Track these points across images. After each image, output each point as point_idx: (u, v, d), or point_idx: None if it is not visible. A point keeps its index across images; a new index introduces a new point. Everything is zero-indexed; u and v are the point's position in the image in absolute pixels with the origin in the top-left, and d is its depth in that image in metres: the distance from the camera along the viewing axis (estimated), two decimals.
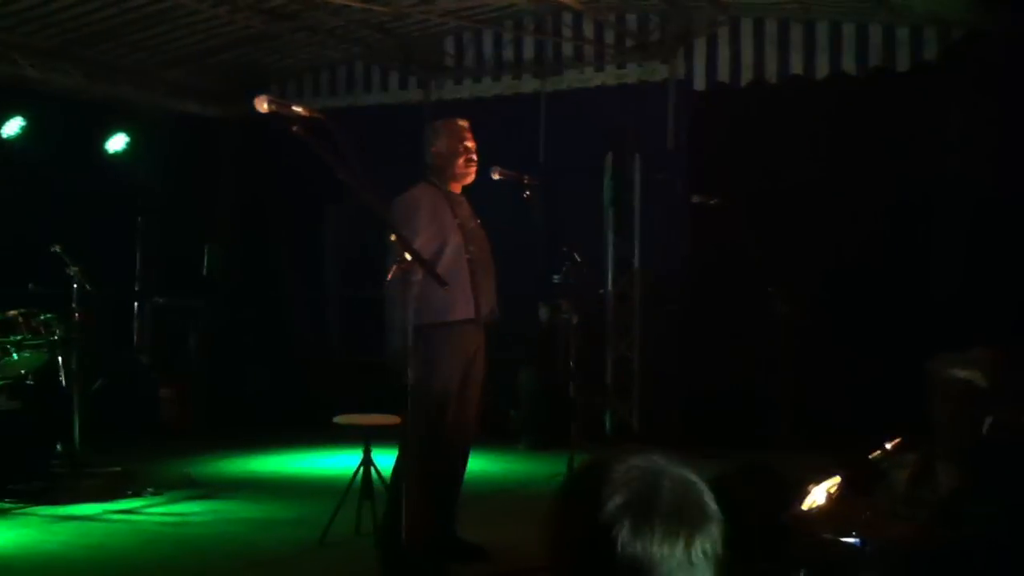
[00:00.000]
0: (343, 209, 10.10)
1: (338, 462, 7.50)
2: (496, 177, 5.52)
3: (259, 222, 10.80)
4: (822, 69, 8.62)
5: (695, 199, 7.19)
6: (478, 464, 6.37)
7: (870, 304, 8.30)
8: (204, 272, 10.34)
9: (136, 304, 9.88)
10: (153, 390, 9.05)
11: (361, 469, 5.53)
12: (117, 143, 9.21)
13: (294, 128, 4.21)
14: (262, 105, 4.18)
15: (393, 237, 4.38)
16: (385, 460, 5.59)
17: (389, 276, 4.47)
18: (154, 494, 6.59)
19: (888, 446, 5.83)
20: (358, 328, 10.22)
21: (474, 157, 5.26)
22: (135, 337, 9.85)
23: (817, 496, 5.08)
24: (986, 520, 3.88)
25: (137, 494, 6.55)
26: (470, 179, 5.31)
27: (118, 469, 6.72)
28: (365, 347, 9.86)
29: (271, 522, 6.17)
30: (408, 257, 4.34)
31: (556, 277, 7.48)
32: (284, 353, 10.29)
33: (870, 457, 5.96)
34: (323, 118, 4.30)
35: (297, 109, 4.25)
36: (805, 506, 5.03)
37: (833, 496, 4.94)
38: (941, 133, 8.27)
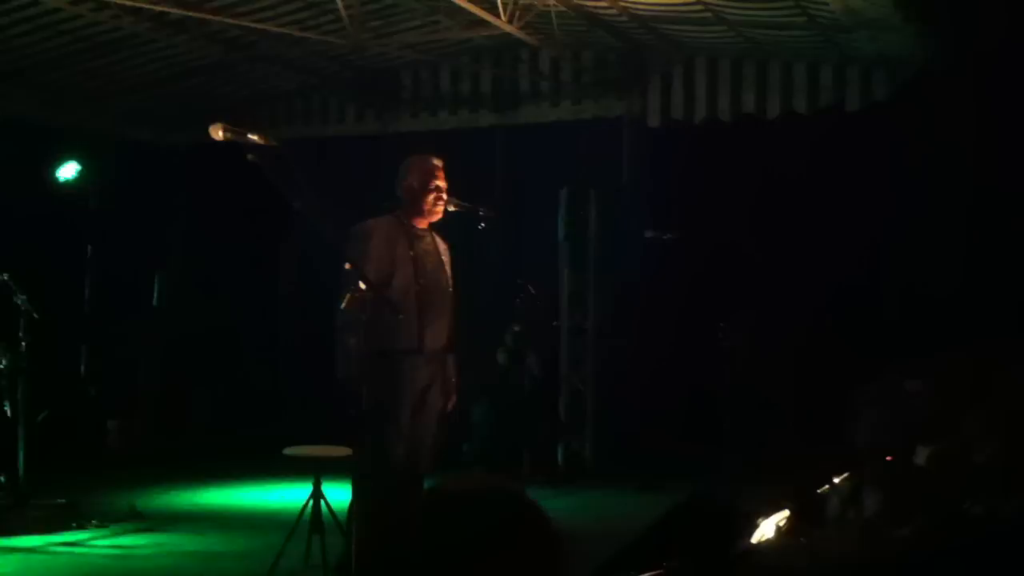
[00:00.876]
0: (294, 238, 10.07)
1: (287, 494, 7.42)
2: (452, 209, 5.53)
3: (209, 251, 10.73)
4: (774, 108, 8.77)
5: (649, 234, 7.25)
6: None
7: (818, 338, 8.39)
8: (154, 302, 10.24)
9: (84, 333, 9.75)
10: (99, 421, 8.92)
11: (311, 501, 5.48)
12: (68, 171, 9.12)
13: (249, 156, 4.20)
14: (217, 132, 4.17)
15: (348, 265, 4.37)
16: (336, 492, 5.55)
17: (343, 304, 4.46)
18: (99, 526, 6.48)
19: (836, 480, 5.90)
20: (308, 358, 10.16)
21: (444, 196, 5.29)
22: (83, 367, 9.72)
23: (766, 529, 5.11)
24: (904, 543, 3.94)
25: (82, 526, 6.43)
26: (437, 216, 5.33)
27: (63, 501, 6.60)
28: (314, 378, 9.83)
29: (218, 555, 6.08)
30: (363, 285, 4.33)
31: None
32: (232, 384, 10.18)
33: (819, 490, 6.02)
34: (278, 146, 4.30)
35: (253, 136, 4.24)
36: (754, 540, 5.06)
37: (782, 529, 4.97)
38: (889, 171, 8.44)
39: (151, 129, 10.64)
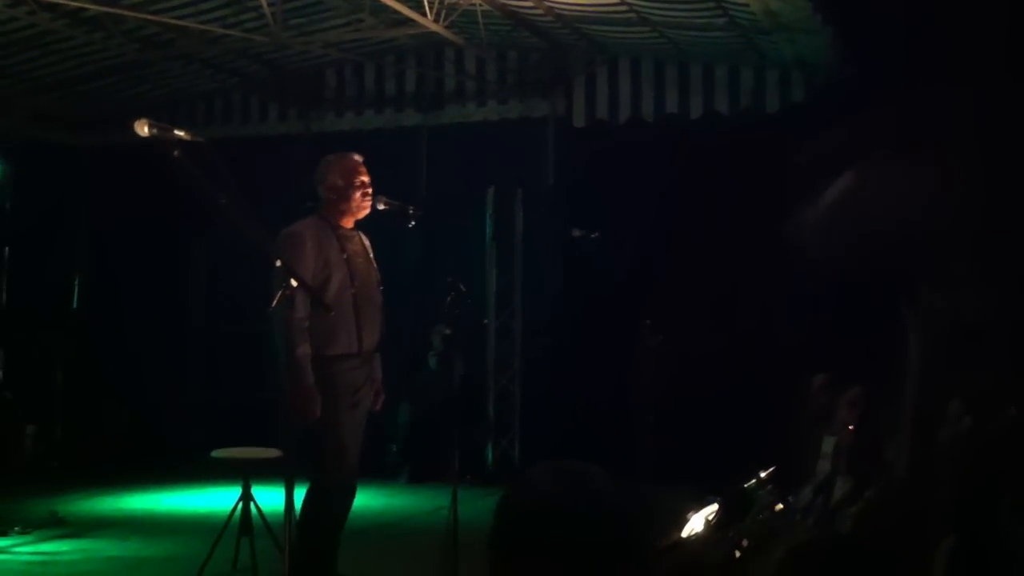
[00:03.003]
0: (209, 240, 9.94)
1: (213, 499, 7.32)
2: (381, 207, 5.49)
3: (126, 254, 10.52)
4: (696, 108, 8.90)
5: (575, 233, 7.30)
6: (357, 499, 6.31)
7: (741, 336, 8.53)
8: (74, 305, 10.01)
9: (1, 337, 9.50)
10: (17, 426, 8.70)
11: (240, 504, 5.41)
12: None
13: (175, 152, 4.14)
14: (143, 128, 4.10)
15: (278, 262, 4.33)
16: (265, 496, 5.49)
17: (273, 303, 4.42)
18: (21, 533, 6.34)
19: (762, 474, 6.03)
20: (225, 362, 10.05)
21: (369, 191, 5.25)
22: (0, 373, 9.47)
23: (695, 523, 5.21)
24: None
25: (3, 533, 6.30)
26: (364, 213, 5.29)
27: None
28: (234, 381, 9.73)
29: (143, 560, 5.99)
30: (294, 284, 4.29)
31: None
32: (147, 388, 10.00)
33: (745, 485, 6.15)
34: (204, 142, 4.25)
35: (178, 132, 4.19)
36: (684, 533, 5.15)
37: (711, 522, 5.08)
38: (798, 173, 8.60)
39: (65, 129, 10.40)
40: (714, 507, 5.23)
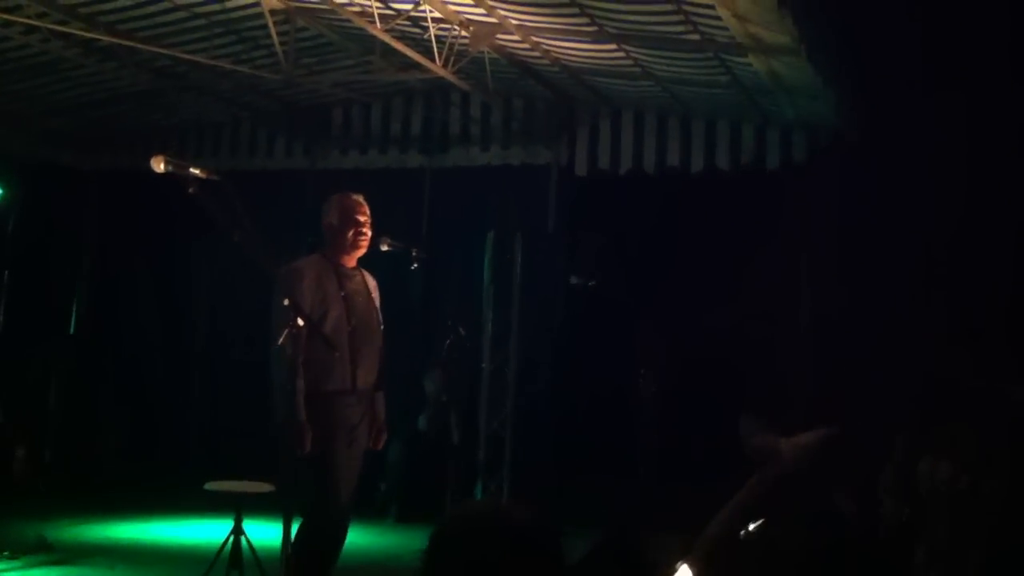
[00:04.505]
0: (211, 268, 9.99)
1: (203, 530, 7.33)
2: (385, 248, 5.60)
3: (128, 278, 10.59)
4: (697, 163, 9.02)
5: (573, 280, 7.39)
6: (347, 536, 6.35)
7: (732, 390, 8.59)
8: (71, 329, 10.04)
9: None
10: (6, 448, 8.70)
11: (231, 537, 5.45)
12: None
13: (191, 189, 4.23)
14: (159, 165, 4.21)
15: (286, 301, 4.40)
16: (255, 529, 5.53)
17: (280, 340, 4.48)
18: (10, 558, 6.34)
19: (751, 527, 6.07)
20: (224, 390, 10.06)
21: (365, 231, 5.34)
22: None
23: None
24: None
25: None
26: (360, 252, 5.38)
27: None
28: (232, 410, 9.74)
29: None
30: (300, 322, 4.37)
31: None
32: (144, 414, 10.01)
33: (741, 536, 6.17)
34: (219, 179, 4.34)
35: (194, 170, 4.29)
36: None
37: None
38: (801, 230, 8.75)
39: (72, 152, 10.49)
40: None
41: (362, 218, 5.34)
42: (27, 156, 9.85)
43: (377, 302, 5.47)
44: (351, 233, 5.29)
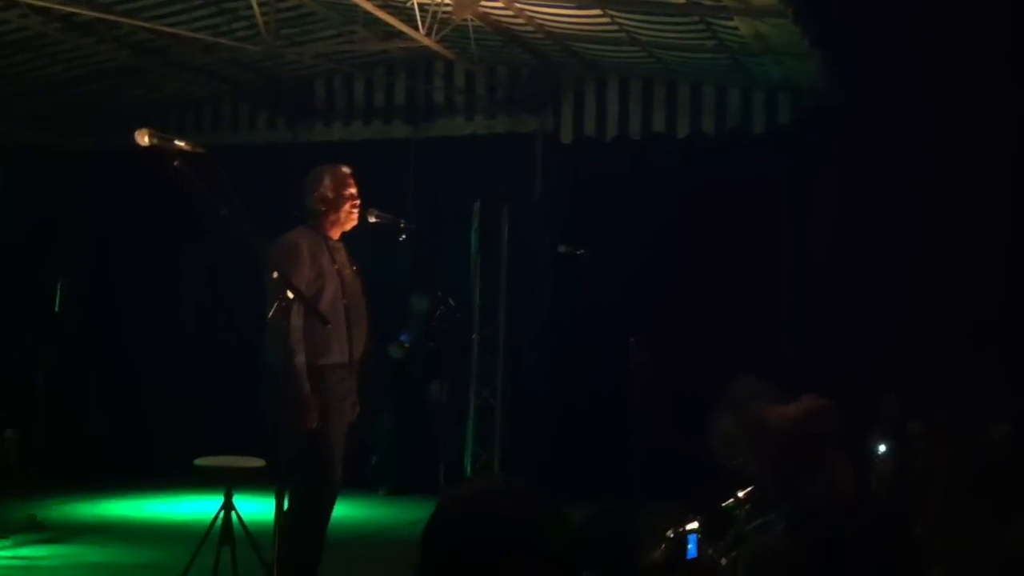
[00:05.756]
0: (201, 247, 9.92)
1: (194, 506, 7.31)
2: (372, 220, 5.52)
3: (116, 259, 10.50)
4: (683, 128, 8.98)
5: (562, 249, 7.35)
6: (338, 509, 6.34)
7: (721, 356, 8.58)
8: (56, 310, 9.96)
9: None
10: None
11: (222, 513, 5.41)
12: None
13: (176, 162, 4.16)
14: (144, 138, 4.13)
15: (275, 274, 4.34)
16: (246, 504, 5.50)
17: (269, 314, 4.43)
18: (0, 538, 6.32)
19: (740, 494, 6.06)
20: (214, 370, 10.03)
21: (358, 203, 5.29)
22: None
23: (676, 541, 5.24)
24: None
25: None
26: (352, 224, 5.32)
27: None
28: (222, 390, 9.71)
29: (123, 567, 5.99)
30: (290, 295, 4.31)
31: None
32: (134, 395, 9.96)
33: (723, 504, 6.18)
34: (205, 153, 4.28)
35: (180, 143, 4.21)
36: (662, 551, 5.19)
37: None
38: (786, 195, 8.72)
39: (55, 133, 10.39)
40: (694, 525, 5.27)
41: (354, 190, 5.28)
42: (8, 138, 9.75)
43: (359, 274, 5.43)
44: (347, 205, 5.22)
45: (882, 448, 6.35)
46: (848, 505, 3.91)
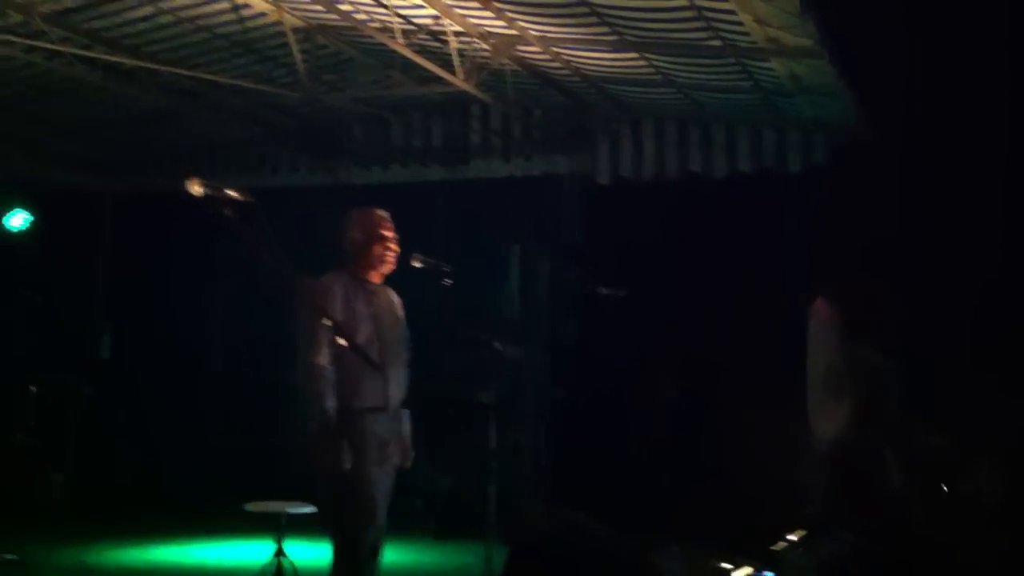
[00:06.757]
0: (230, 286, 10.01)
1: (247, 552, 7.31)
2: (417, 265, 5.56)
3: (148, 298, 10.61)
4: (720, 168, 9.02)
5: (602, 291, 7.37)
6: (384, 555, 6.34)
7: (761, 397, 8.57)
8: (104, 354, 10.07)
9: (29, 385, 9.54)
10: (43, 474, 8.72)
11: (275, 560, 5.45)
12: (17, 220, 9.01)
13: (226, 211, 4.24)
14: (195, 187, 4.21)
15: (326, 320, 4.38)
16: (293, 549, 5.53)
17: (321, 360, 4.46)
18: None
19: (792, 537, 6.03)
20: (244, 409, 10.07)
21: (392, 247, 5.32)
22: (25, 420, 9.49)
23: None
24: None
25: None
26: (388, 268, 5.36)
27: (13, 557, 6.46)
28: (263, 430, 9.75)
29: None
30: (341, 341, 4.35)
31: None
32: (165, 434, 10.02)
33: (774, 548, 6.16)
34: (254, 201, 4.35)
35: (230, 192, 4.29)
36: None
37: None
38: (822, 232, 8.73)
39: (91, 175, 10.55)
40: (748, 571, 5.23)
41: (388, 233, 5.32)
42: (45, 179, 9.90)
43: (402, 318, 5.46)
44: (378, 248, 5.27)
45: None
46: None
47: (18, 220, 9.14)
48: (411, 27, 7.15)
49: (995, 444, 5.66)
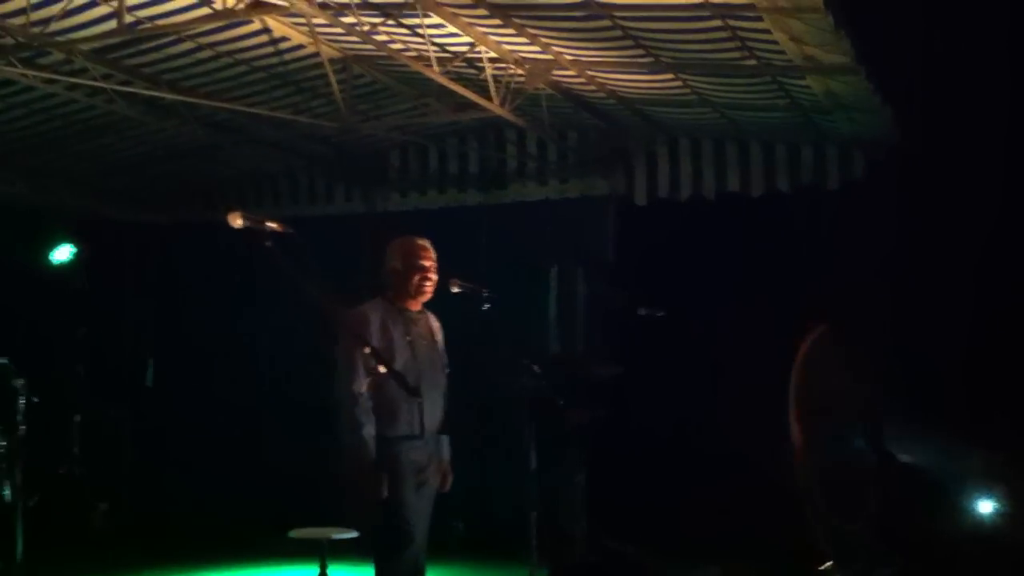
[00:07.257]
0: (273, 318, 10.07)
1: None
2: (455, 290, 5.59)
3: (193, 329, 10.71)
4: (758, 186, 8.98)
5: (642, 312, 7.36)
6: None
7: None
8: (148, 383, 10.19)
9: (76, 416, 9.66)
10: (89, 503, 8.82)
11: None
12: (63, 253, 9.16)
13: (267, 243, 4.29)
14: (236, 220, 4.26)
15: (368, 349, 4.43)
16: (341, 575, 5.54)
17: (363, 388, 4.49)
18: None
19: (820, 568, 6.00)
20: (289, 437, 10.12)
21: (430, 276, 5.36)
22: (73, 449, 9.61)
23: None
24: None
25: None
26: (426, 297, 5.40)
27: None
28: (308, 456, 9.79)
29: None
30: (382, 369, 4.39)
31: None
32: (214, 464, 10.09)
33: (821, 568, 6.12)
34: (295, 233, 4.40)
35: (271, 224, 4.35)
36: None
37: None
38: (861, 247, 8.67)
39: (133, 209, 10.70)
40: None
41: (427, 263, 5.35)
42: (89, 214, 10.05)
43: (441, 345, 5.49)
44: (416, 278, 5.31)
45: None
46: None
47: (63, 253, 9.28)
48: (446, 55, 7.20)
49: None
